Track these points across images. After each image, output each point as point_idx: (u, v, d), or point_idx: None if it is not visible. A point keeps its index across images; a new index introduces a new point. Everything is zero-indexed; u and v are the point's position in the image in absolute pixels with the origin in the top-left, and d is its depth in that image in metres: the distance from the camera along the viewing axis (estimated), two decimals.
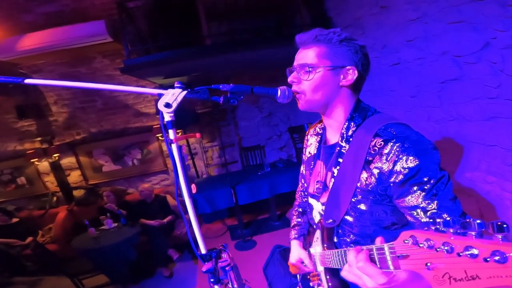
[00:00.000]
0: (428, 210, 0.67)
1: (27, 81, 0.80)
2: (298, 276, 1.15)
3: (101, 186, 4.47)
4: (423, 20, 1.84)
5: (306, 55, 0.79)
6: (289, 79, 0.83)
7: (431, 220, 0.46)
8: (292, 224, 1.20)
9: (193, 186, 0.87)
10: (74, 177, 4.46)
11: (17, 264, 3.58)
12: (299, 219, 1.18)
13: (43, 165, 4.25)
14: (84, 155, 4.39)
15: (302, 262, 1.07)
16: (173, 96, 0.76)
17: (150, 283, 3.09)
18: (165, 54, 2.79)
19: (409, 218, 0.74)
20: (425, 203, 0.68)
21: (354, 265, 0.58)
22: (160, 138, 4.37)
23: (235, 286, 0.81)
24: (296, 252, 1.10)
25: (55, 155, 4.16)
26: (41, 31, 2.56)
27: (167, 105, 0.75)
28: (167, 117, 0.77)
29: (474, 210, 1.99)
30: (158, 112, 0.78)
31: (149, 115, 4.38)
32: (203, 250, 0.86)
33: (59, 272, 2.93)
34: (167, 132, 0.78)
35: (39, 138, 4.14)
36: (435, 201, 0.67)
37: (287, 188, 3.31)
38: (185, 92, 0.78)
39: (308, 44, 0.80)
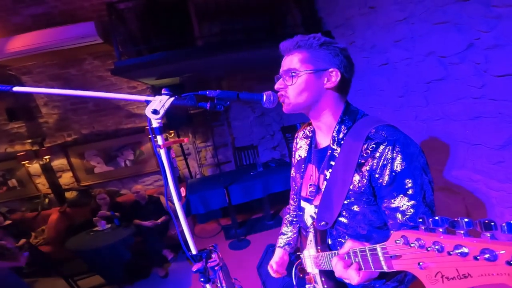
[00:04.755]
0: (407, 214, 0.70)
1: (16, 89, 0.82)
2: (293, 279, 1.17)
3: (93, 187, 4.44)
4: (410, 21, 1.86)
5: (290, 61, 0.82)
6: (276, 86, 0.85)
7: (420, 220, 0.46)
8: (281, 231, 1.23)
9: (182, 189, 0.88)
10: (65, 178, 4.42)
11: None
12: (287, 228, 1.21)
13: (34, 167, 4.20)
14: (75, 156, 4.35)
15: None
16: (161, 102, 0.78)
17: (145, 284, 3.09)
18: (156, 55, 2.78)
19: (388, 219, 0.76)
20: (406, 205, 0.71)
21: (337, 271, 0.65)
22: None
23: (224, 285, 0.82)
24: (276, 257, 1.16)
25: (46, 157, 4.11)
26: (30, 32, 2.53)
27: (155, 112, 0.76)
28: (155, 123, 0.78)
29: (461, 208, 2.02)
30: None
31: (141, 116, 4.35)
32: (193, 251, 0.88)
33: (54, 273, 2.92)
34: (156, 138, 0.79)
35: (29, 140, 4.09)
36: (415, 205, 0.70)
37: (280, 187, 3.33)
38: (172, 99, 0.79)
39: (291, 51, 0.82)
